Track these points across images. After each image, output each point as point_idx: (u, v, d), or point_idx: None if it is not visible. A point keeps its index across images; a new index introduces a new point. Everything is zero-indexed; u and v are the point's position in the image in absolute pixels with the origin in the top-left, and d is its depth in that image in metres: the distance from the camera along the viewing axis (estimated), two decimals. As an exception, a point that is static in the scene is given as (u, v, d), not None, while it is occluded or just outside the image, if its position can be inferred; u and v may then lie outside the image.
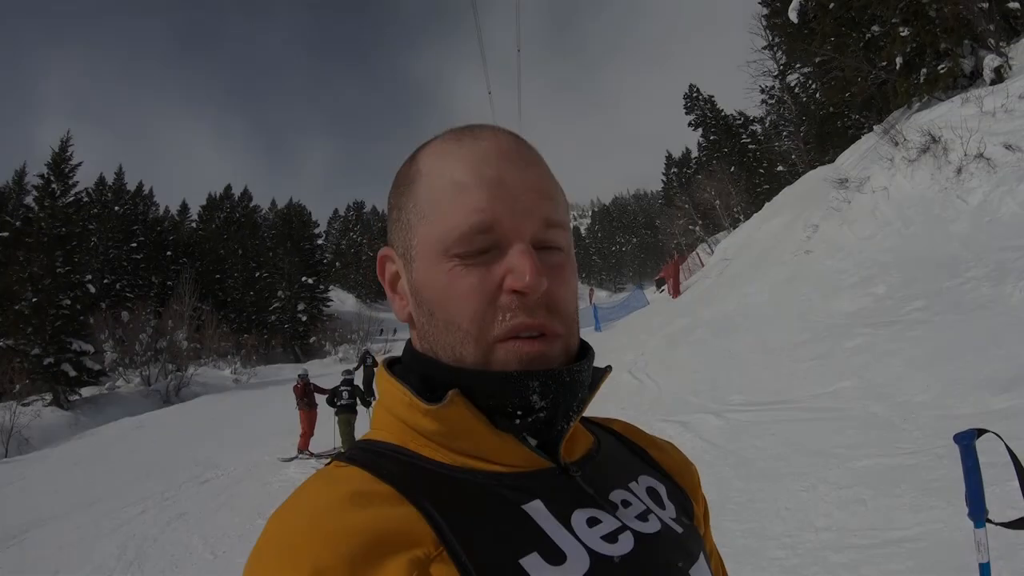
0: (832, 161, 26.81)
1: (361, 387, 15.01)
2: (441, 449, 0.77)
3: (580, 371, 0.80)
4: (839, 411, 8.15)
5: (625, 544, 0.75)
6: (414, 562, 0.63)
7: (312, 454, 13.74)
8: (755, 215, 30.22)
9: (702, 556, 0.85)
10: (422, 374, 0.81)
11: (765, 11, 38.43)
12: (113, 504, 11.46)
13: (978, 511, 2.52)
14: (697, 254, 39.35)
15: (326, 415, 14.61)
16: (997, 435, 2.49)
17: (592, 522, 0.76)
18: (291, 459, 13.39)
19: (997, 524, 2.48)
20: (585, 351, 0.85)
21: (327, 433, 14.48)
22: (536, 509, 0.73)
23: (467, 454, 0.77)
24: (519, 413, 0.76)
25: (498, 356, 0.76)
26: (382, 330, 60.19)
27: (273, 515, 0.69)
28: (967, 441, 2.56)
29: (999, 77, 15.65)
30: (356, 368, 22.65)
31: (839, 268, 14.13)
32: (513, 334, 0.75)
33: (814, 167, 30.98)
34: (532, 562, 0.67)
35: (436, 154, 0.82)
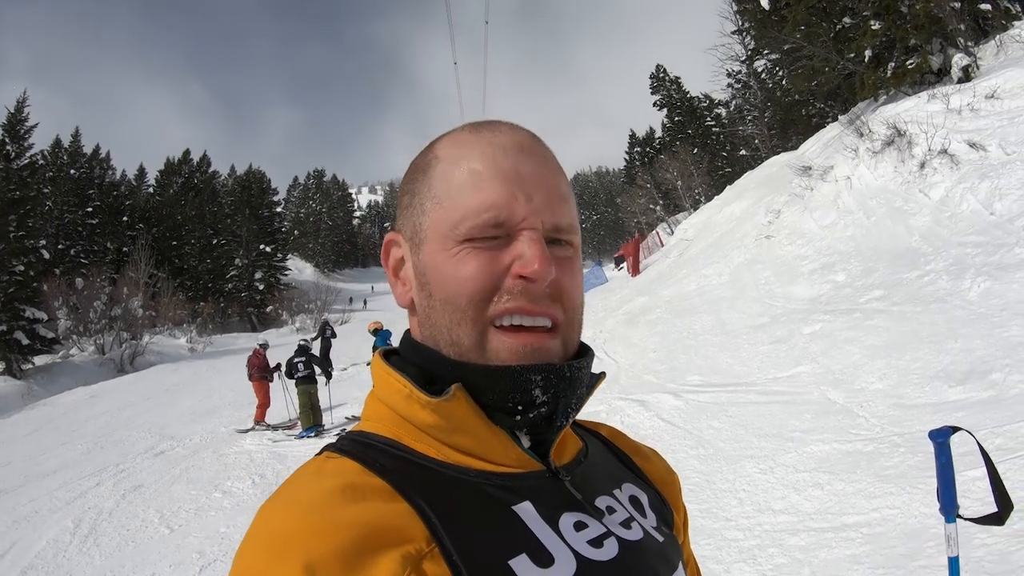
0: (795, 148, 27.05)
1: (319, 357, 14.89)
2: (435, 444, 0.77)
3: (581, 368, 0.81)
4: (796, 395, 8.27)
5: (610, 549, 0.76)
6: (407, 558, 0.63)
7: (269, 426, 13.58)
8: (716, 197, 30.44)
9: (680, 566, 0.87)
10: (421, 366, 0.81)
11: (736, -5, 38.49)
12: (67, 476, 11.24)
13: (950, 506, 2.57)
14: (657, 233, 39.64)
15: (277, 386, 14.52)
16: (971, 433, 2.52)
17: (579, 526, 0.76)
18: (247, 430, 13.25)
19: (968, 520, 2.52)
20: (585, 350, 0.86)
21: (281, 404, 14.43)
22: (526, 511, 0.74)
23: (461, 450, 0.77)
24: (520, 408, 0.76)
25: (493, 343, 0.76)
26: (351, 299, 60.15)
27: (263, 506, 0.68)
28: (942, 439, 2.59)
29: (967, 76, 15.83)
30: (315, 338, 22.52)
31: (799, 254, 14.29)
32: (509, 314, 0.76)
33: (777, 153, 31.28)
34: (521, 563, 0.68)
35: (454, 143, 0.83)
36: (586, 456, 0.91)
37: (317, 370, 13.74)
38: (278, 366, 14.51)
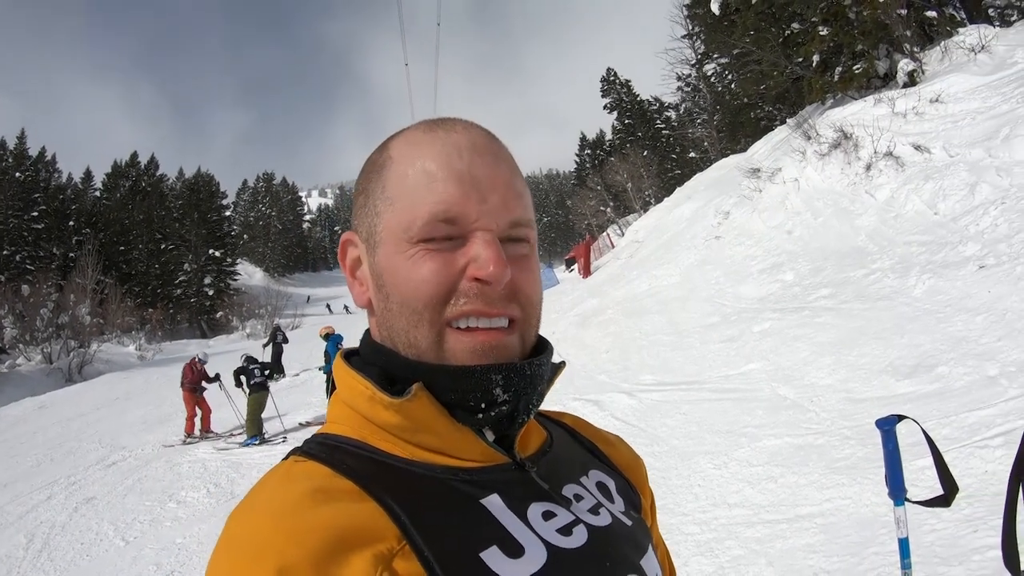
0: (744, 150, 27.47)
1: (271, 362, 14.72)
2: (400, 443, 0.77)
3: (541, 364, 0.80)
4: (748, 392, 8.37)
5: (579, 537, 0.76)
6: (378, 557, 0.63)
7: (216, 434, 13.41)
8: (667, 199, 30.78)
9: (650, 548, 0.87)
10: (382, 367, 0.80)
11: (687, 1, 38.97)
12: (18, 489, 10.94)
13: (898, 490, 2.65)
14: (608, 235, 39.89)
15: (216, 396, 14.24)
16: (915, 421, 2.61)
17: (547, 516, 0.77)
18: (193, 441, 12.96)
19: (915, 503, 2.60)
20: (544, 345, 0.86)
21: (220, 415, 14.17)
22: (493, 503, 0.74)
23: (426, 448, 0.77)
24: (483, 406, 0.76)
25: (450, 343, 0.76)
26: (308, 298, 59.62)
27: (232, 514, 0.68)
28: (888, 426, 2.68)
29: (912, 81, 16.23)
30: (266, 344, 22.22)
31: (748, 254, 14.52)
32: (465, 316, 0.75)
33: (726, 155, 31.71)
34: (492, 555, 0.68)
35: (407, 143, 0.81)
36: (551, 446, 0.91)
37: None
38: (217, 376, 14.28)
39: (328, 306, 61.54)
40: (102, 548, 8.13)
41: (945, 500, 2.45)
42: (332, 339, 14.80)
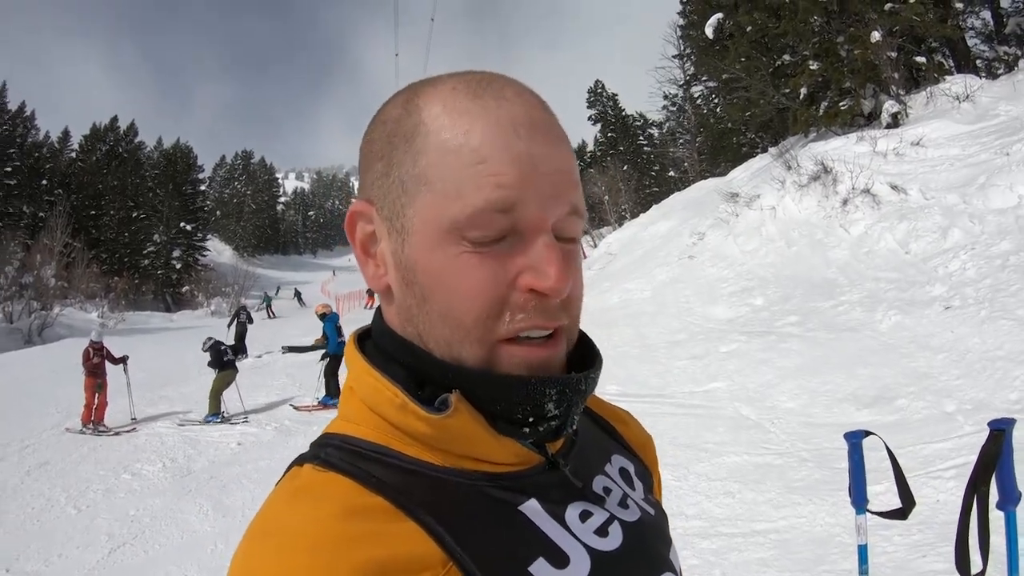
0: (724, 174, 27.72)
1: (234, 342, 14.42)
2: (428, 449, 0.68)
3: (595, 378, 0.73)
4: (711, 409, 8.49)
5: (615, 537, 0.72)
6: None
7: (107, 428, 11.95)
8: (643, 215, 30.88)
9: (671, 537, 0.85)
10: (408, 364, 0.71)
11: (682, 22, 39.33)
12: None
13: (860, 500, 2.78)
14: (580, 245, 39.99)
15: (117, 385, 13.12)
16: (880, 437, 2.73)
17: (584, 516, 0.72)
18: (86, 432, 11.78)
19: (875, 513, 2.72)
20: (586, 345, 0.78)
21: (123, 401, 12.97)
22: (532, 509, 0.68)
23: (458, 454, 0.68)
24: (530, 420, 0.68)
25: (502, 359, 0.67)
26: (279, 288, 58.45)
27: (251, 534, 0.61)
28: (856, 439, 2.81)
29: (895, 122, 16.54)
30: (230, 324, 21.99)
31: (720, 276, 14.69)
32: (521, 331, 0.66)
33: (705, 177, 31.98)
34: (540, 567, 0.64)
35: (447, 109, 0.67)
36: (576, 434, 0.81)
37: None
38: (124, 358, 13.58)
39: (297, 292, 58.27)
40: (53, 514, 7.99)
41: (902, 513, 2.58)
42: (330, 319, 14.14)
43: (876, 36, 17.34)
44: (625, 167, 52.12)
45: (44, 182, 57.19)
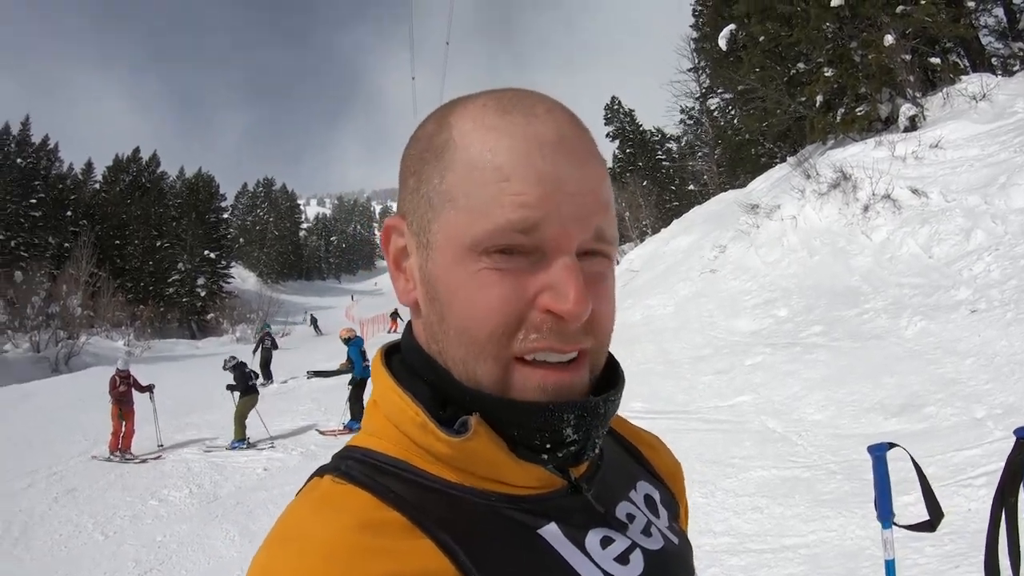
0: (743, 185, 27.58)
1: (258, 369, 14.53)
2: (449, 468, 0.68)
3: (616, 401, 0.72)
4: (737, 424, 8.41)
5: (636, 565, 0.71)
6: None
7: (134, 456, 12.03)
8: (664, 230, 30.78)
9: (695, 568, 0.84)
10: (432, 383, 0.70)
11: (695, 35, 39.30)
12: None
13: (886, 514, 2.72)
14: (612, 268, 39.90)
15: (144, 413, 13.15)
16: (905, 449, 2.66)
17: (605, 542, 0.71)
18: (114, 460, 11.87)
19: (902, 527, 2.66)
20: (613, 369, 0.76)
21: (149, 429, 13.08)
22: (552, 534, 0.67)
23: (479, 475, 0.68)
24: (548, 446, 0.67)
25: (516, 381, 0.66)
26: (309, 315, 57.54)
27: (269, 542, 0.61)
28: (880, 452, 2.75)
29: (913, 125, 16.44)
30: (255, 350, 22.10)
31: (743, 289, 14.60)
32: (535, 352, 0.65)
33: (725, 190, 31.82)
34: None
35: (476, 125, 0.67)
36: (601, 458, 0.81)
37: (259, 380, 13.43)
38: (151, 387, 13.65)
39: (313, 319, 55.48)
40: (80, 541, 8.11)
41: (931, 525, 2.52)
42: (355, 343, 14.16)
43: (889, 39, 17.28)
44: (645, 182, 51.92)
45: (69, 213, 57.51)
